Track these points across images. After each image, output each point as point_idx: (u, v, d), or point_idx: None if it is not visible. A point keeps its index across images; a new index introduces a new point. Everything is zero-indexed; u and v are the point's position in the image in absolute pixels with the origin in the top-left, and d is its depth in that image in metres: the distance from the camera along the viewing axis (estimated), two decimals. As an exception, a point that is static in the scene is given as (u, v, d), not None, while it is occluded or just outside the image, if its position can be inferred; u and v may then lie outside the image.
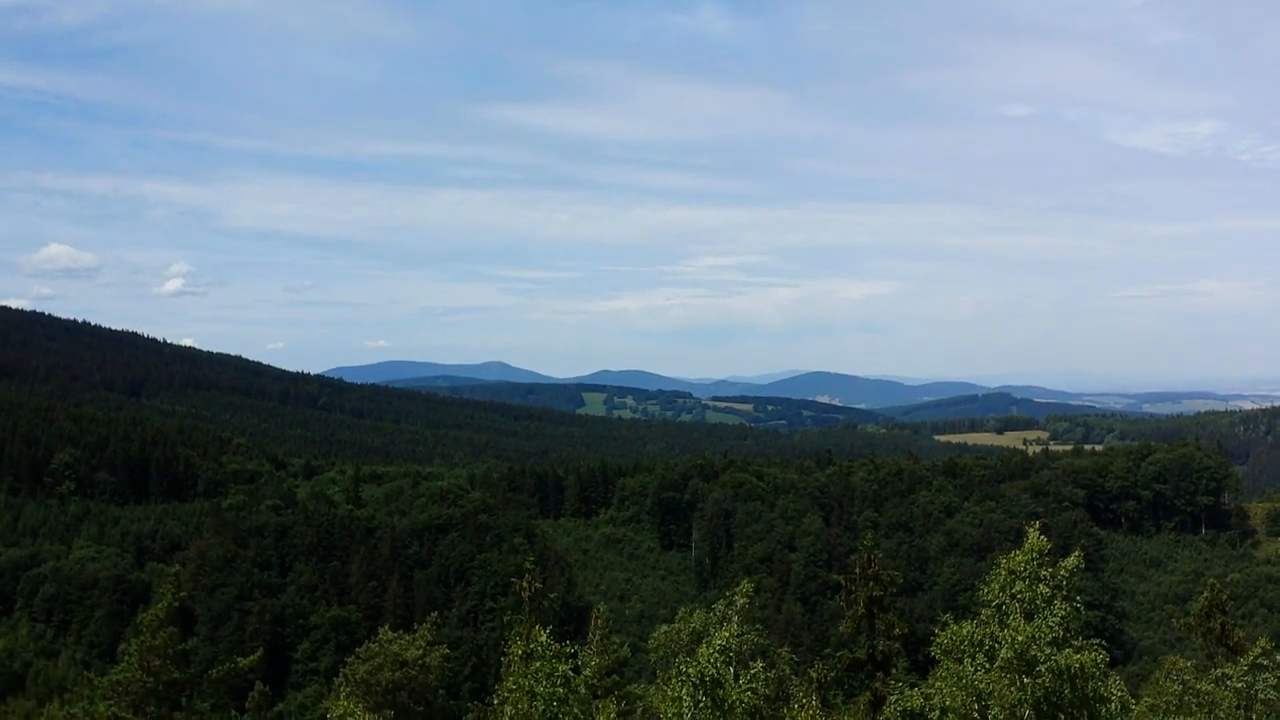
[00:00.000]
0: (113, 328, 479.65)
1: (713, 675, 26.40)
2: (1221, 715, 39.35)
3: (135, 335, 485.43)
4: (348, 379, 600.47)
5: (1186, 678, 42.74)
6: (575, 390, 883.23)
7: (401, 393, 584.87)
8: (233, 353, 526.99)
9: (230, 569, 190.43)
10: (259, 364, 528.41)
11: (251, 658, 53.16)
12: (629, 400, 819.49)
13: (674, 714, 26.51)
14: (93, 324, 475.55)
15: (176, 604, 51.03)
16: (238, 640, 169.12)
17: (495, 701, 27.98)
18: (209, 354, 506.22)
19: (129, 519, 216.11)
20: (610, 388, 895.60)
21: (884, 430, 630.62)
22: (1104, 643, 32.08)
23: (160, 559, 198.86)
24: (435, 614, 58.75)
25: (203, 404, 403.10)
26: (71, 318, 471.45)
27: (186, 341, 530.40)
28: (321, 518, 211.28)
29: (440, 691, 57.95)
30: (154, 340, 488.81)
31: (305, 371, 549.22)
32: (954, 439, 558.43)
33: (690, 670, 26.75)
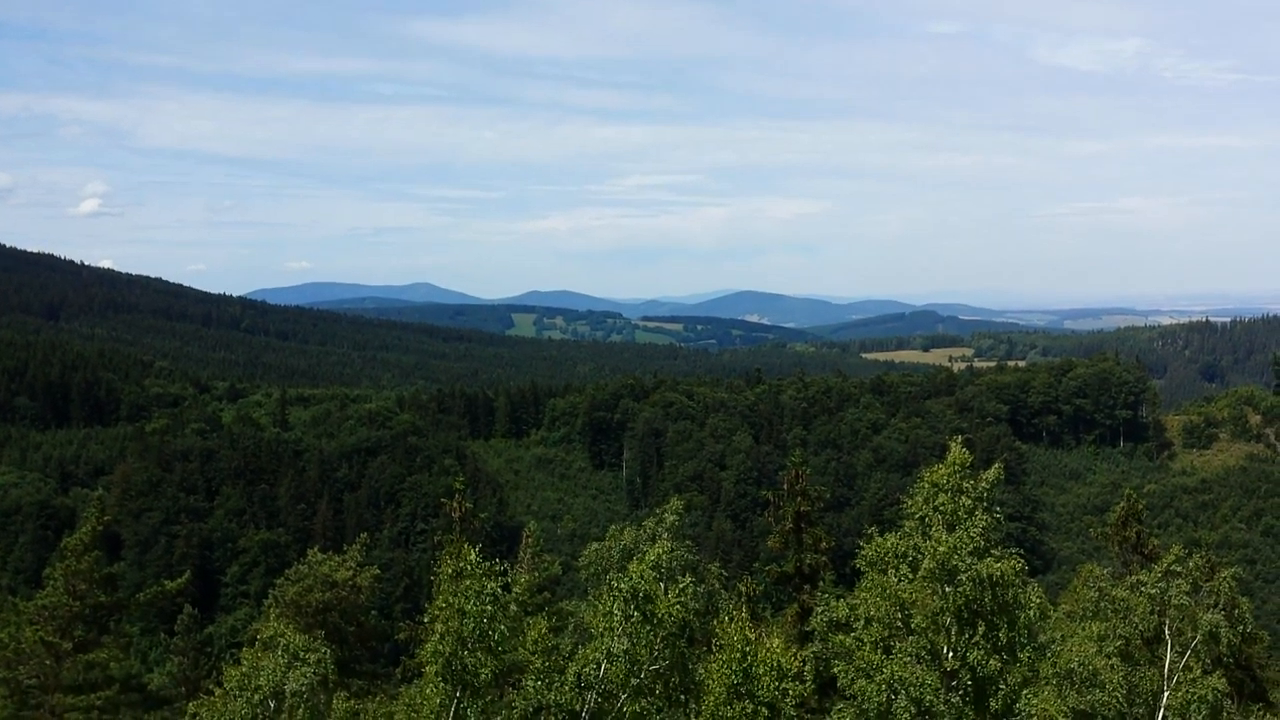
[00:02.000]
0: (28, 249, 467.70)
1: (645, 591, 26.62)
2: (1136, 620, 40.56)
3: (51, 257, 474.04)
4: (271, 301, 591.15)
5: (1103, 585, 43.90)
6: (504, 311, 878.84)
7: (327, 315, 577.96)
8: (153, 275, 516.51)
9: (156, 493, 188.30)
10: (180, 286, 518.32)
11: (179, 581, 52.83)
12: (558, 321, 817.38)
13: (605, 628, 26.73)
14: (7, 246, 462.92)
15: (101, 528, 50.40)
16: (165, 565, 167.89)
17: (426, 620, 28.01)
18: (128, 276, 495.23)
19: (51, 444, 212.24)
20: (539, 308, 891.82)
21: (813, 349, 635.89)
22: (1024, 553, 32.81)
23: (84, 484, 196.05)
24: (365, 535, 58.53)
25: (123, 327, 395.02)
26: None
27: (105, 263, 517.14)
28: (248, 441, 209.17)
29: (372, 612, 58.04)
30: (71, 262, 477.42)
31: (227, 293, 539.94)
32: (881, 357, 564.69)
33: (622, 585, 26.94)
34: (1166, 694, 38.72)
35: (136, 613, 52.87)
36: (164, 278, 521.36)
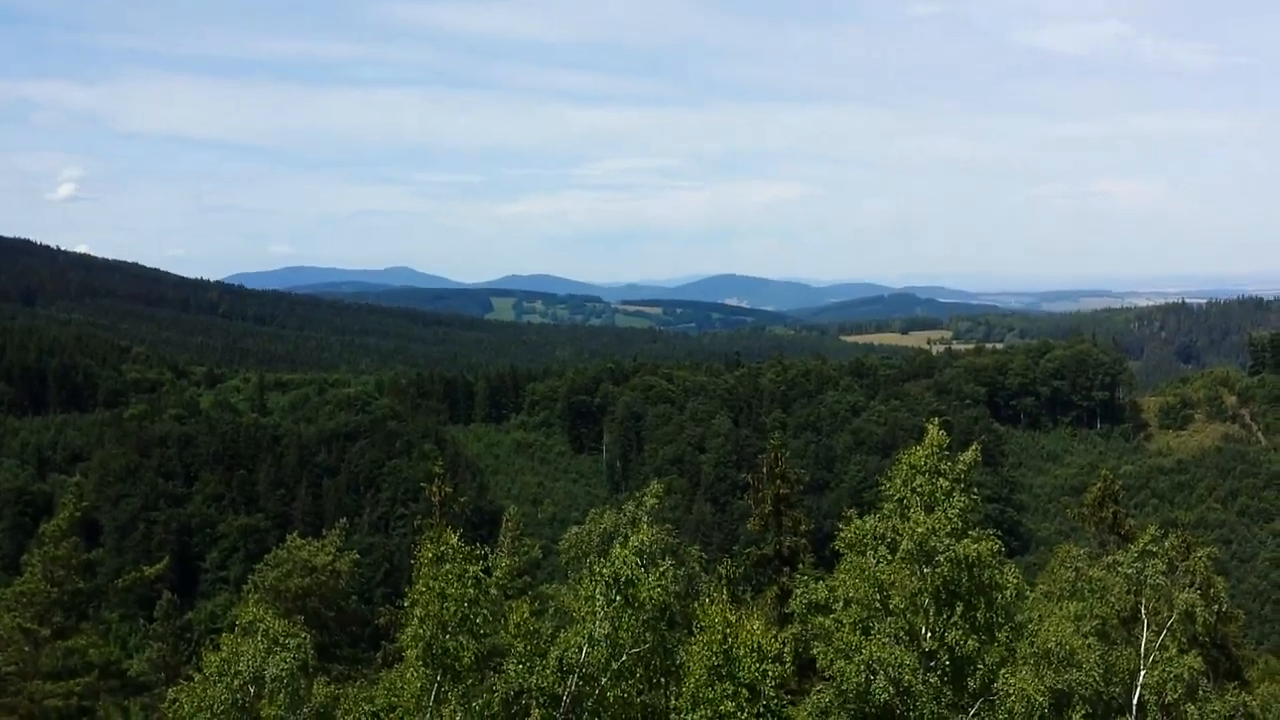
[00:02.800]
0: (4, 235, 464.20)
1: (627, 575, 26.70)
2: (1112, 600, 40.89)
3: (28, 243, 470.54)
4: (249, 286, 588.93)
5: (1079, 565, 44.24)
6: (483, 295, 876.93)
7: (305, 299, 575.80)
8: (130, 260, 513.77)
9: (134, 479, 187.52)
10: (158, 271, 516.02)
11: (158, 566, 52.71)
12: (538, 305, 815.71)
13: (588, 612, 26.80)
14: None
15: (79, 514, 50.23)
16: (144, 551, 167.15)
17: (406, 605, 28.01)
18: (105, 261, 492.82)
19: (28, 430, 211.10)
20: (519, 292, 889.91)
21: (792, 332, 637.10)
22: (1001, 534, 33.04)
23: (62, 470, 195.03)
24: (344, 520, 58.48)
25: (100, 312, 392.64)
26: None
27: (81, 249, 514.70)
28: (226, 426, 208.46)
29: (352, 597, 58.05)
30: (47, 248, 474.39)
31: (205, 278, 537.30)
32: (860, 339, 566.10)
33: (604, 570, 27.01)
34: (1143, 673, 39.08)
35: (115, 599, 52.78)
36: (141, 262, 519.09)
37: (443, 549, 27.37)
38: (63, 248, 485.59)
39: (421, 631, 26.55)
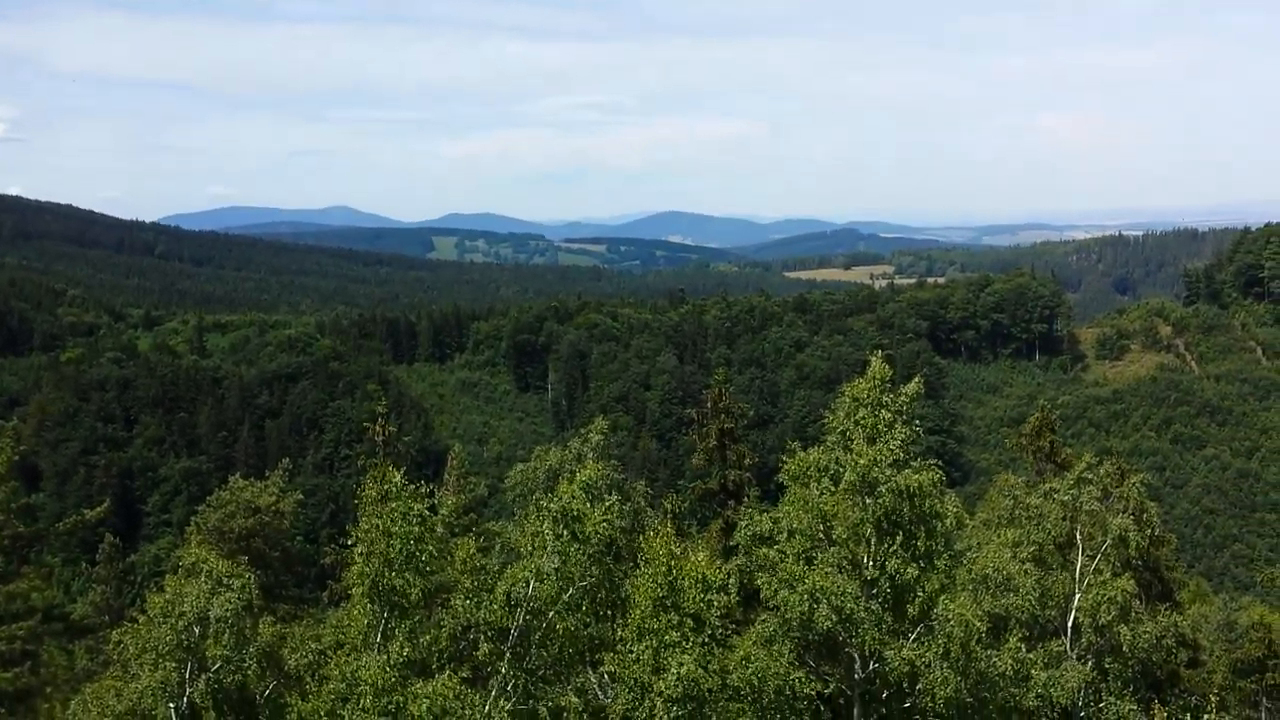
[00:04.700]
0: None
1: (574, 510, 26.82)
2: (1049, 526, 41.71)
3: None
4: (185, 227, 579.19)
5: (1017, 493, 45.00)
6: (425, 234, 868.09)
7: (243, 240, 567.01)
8: (63, 201, 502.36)
9: (73, 423, 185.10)
10: (91, 213, 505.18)
11: (99, 510, 52.15)
12: (480, 243, 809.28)
13: (535, 547, 26.94)
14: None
15: (17, 458, 49.44)
16: (85, 495, 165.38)
17: (351, 544, 27.99)
18: (38, 203, 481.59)
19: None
20: (461, 231, 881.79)
21: (736, 269, 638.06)
22: (942, 464, 33.41)
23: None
24: (286, 460, 58.07)
25: (34, 255, 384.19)
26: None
27: (13, 191, 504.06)
28: (165, 369, 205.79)
29: (297, 537, 57.87)
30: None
31: (141, 219, 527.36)
32: (804, 276, 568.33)
33: (551, 506, 27.12)
34: (1078, 596, 40.01)
35: (57, 543, 52.37)
36: (75, 204, 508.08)
37: (387, 487, 27.35)
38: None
39: (368, 569, 26.59)
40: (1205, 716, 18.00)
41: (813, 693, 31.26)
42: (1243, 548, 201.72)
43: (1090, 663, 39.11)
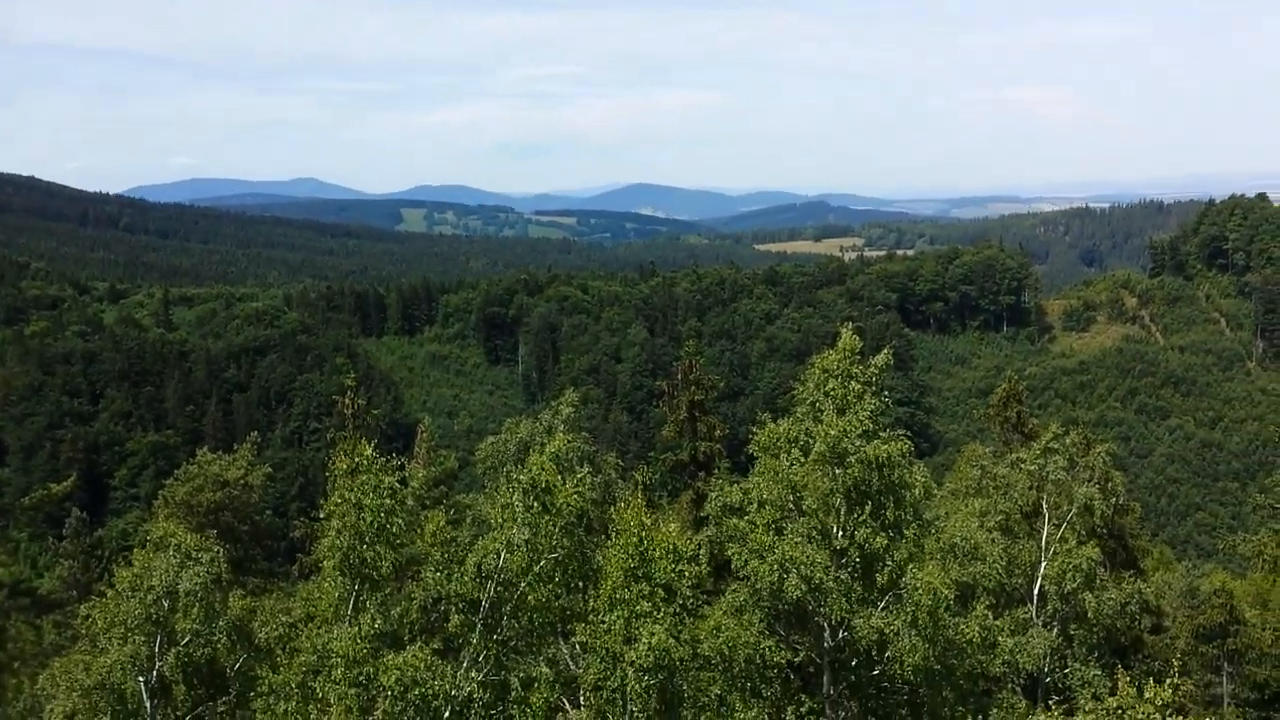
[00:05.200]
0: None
1: (544, 482, 26.81)
2: (1015, 496, 42.17)
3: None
4: (150, 199, 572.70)
5: (985, 463, 45.46)
6: (393, 206, 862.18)
7: (209, 212, 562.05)
8: (25, 173, 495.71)
9: (38, 398, 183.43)
10: (55, 185, 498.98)
11: (65, 484, 51.87)
12: (449, 216, 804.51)
13: (506, 519, 26.93)
14: None
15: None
16: (52, 470, 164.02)
17: (322, 516, 27.92)
18: (0, 175, 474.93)
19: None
20: (429, 203, 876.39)
21: (706, 241, 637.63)
22: (911, 436, 33.60)
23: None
24: (254, 434, 57.82)
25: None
26: None
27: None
28: (132, 342, 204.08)
29: (266, 511, 57.66)
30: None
31: (105, 191, 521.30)
32: (774, 248, 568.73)
33: (522, 477, 27.11)
34: (1044, 564, 40.50)
35: (23, 518, 51.98)
36: (38, 176, 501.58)
37: (358, 461, 27.29)
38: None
39: (339, 542, 26.55)
40: (1168, 680, 18.25)
41: (782, 661, 31.53)
42: (1205, 516, 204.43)
43: (1056, 629, 39.64)
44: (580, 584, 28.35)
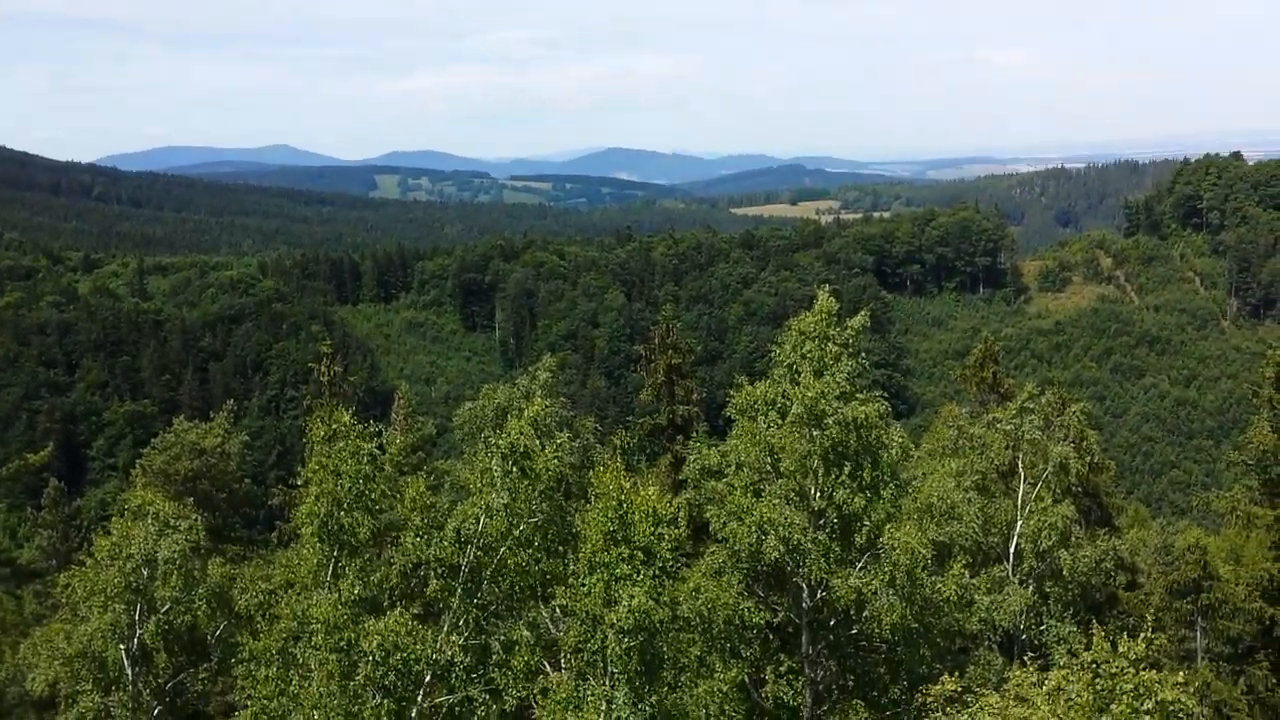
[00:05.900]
0: None
1: (523, 446, 26.84)
2: (991, 455, 42.47)
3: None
4: (122, 168, 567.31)
5: (961, 424, 45.71)
6: (367, 173, 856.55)
7: (182, 180, 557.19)
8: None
9: (13, 369, 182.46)
10: (25, 154, 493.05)
11: (42, 454, 51.69)
12: (424, 182, 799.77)
13: (485, 484, 26.95)
14: None
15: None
16: (28, 440, 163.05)
17: (300, 484, 27.89)
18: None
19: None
20: (404, 169, 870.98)
21: (683, 205, 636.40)
22: (889, 397, 33.83)
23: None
24: (232, 402, 57.66)
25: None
26: None
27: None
28: (106, 312, 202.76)
29: (244, 479, 57.57)
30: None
31: (76, 160, 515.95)
32: (751, 212, 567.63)
33: (501, 442, 27.12)
34: (1020, 523, 40.85)
35: (1, 488, 51.64)
36: (8, 145, 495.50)
37: (335, 427, 27.23)
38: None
39: (317, 509, 26.53)
40: (1142, 636, 18.49)
41: (761, 622, 31.79)
42: (1180, 474, 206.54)
43: (1032, 587, 40.02)
44: (560, 548, 28.45)
